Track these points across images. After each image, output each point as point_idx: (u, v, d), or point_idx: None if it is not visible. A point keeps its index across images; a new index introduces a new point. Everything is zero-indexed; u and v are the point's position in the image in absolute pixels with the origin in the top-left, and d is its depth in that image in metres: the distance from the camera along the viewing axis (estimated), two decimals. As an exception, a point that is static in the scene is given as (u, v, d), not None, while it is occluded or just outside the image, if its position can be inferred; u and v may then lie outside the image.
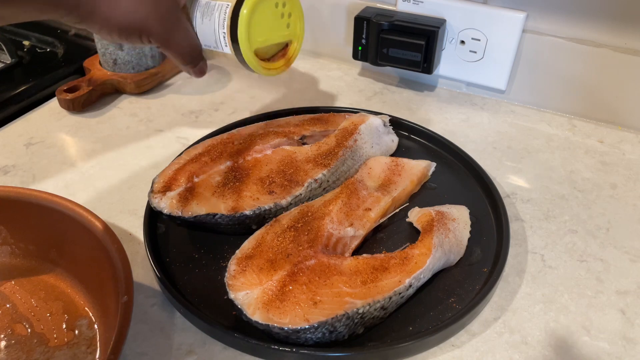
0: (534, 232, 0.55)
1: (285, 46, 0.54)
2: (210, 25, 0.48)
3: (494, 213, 0.55)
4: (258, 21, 0.48)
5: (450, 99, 0.76)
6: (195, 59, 0.49)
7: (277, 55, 0.54)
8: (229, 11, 0.47)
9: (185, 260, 0.50)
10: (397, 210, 0.55)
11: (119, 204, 0.57)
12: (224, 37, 0.48)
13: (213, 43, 0.49)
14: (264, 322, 0.40)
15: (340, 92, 0.78)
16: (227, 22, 0.47)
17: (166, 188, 0.52)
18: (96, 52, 0.78)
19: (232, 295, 0.43)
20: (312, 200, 0.53)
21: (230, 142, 0.58)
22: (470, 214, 0.53)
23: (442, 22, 0.70)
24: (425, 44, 0.69)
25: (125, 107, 0.73)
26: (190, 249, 0.51)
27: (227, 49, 0.49)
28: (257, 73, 0.51)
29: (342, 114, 0.64)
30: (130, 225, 0.55)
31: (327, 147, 0.57)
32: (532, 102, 0.74)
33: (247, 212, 0.50)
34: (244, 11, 0.47)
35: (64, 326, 0.44)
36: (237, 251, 0.47)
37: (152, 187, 0.52)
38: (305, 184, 0.53)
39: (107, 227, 0.44)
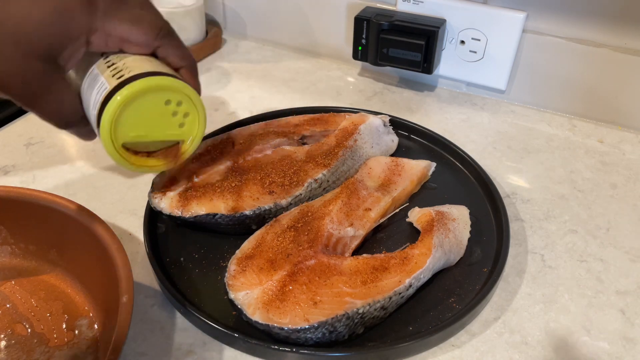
0: (534, 232, 0.55)
1: (176, 144, 0.47)
2: (90, 99, 0.42)
3: (494, 213, 0.55)
4: (134, 115, 0.41)
5: (450, 99, 0.76)
6: (70, 125, 0.43)
7: (161, 151, 0.46)
8: (104, 94, 0.40)
9: (185, 260, 0.50)
10: (397, 210, 0.55)
11: (119, 204, 0.57)
12: (94, 119, 0.42)
13: (90, 117, 0.43)
14: (264, 322, 0.40)
15: (340, 92, 0.78)
16: (98, 106, 0.41)
17: (166, 188, 0.52)
18: (96, 52, 0.77)
19: (232, 295, 0.43)
20: (312, 200, 0.53)
21: (230, 142, 0.58)
22: (470, 214, 0.53)
23: (442, 22, 0.70)
24: (425, 44, 0.69)
25: (125, 107, 0.73)
26: (190, 249, 0.51)
27: (97, 131, 0.42)
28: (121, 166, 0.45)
29: (342, 114, 0.64)
30: (130, 225, 0.55)
31: (327, 147, 0.57)
32: (532, 102, 0.74)
33: (247, 212, 0.50)
34: (114, 100, 0.40)
35: (64, 326, 0.44)
36: (237, 251, 0.47)
37: (152, 187, 0.52)
38: (305, 184, 0.53)
39: (107, 227, 0.44)
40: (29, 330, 0.44)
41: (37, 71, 0.38)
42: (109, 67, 0.42)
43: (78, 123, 0.43)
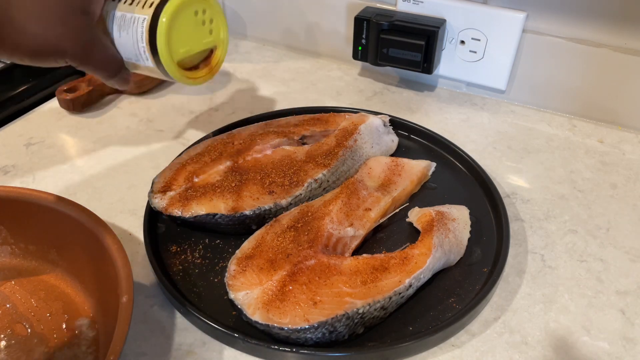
0: (534, 232, 0.55)
1: (210, 53, 0.53)
2: (129, 38, 0.46)
3: (494, 213, 0.55)
4: (178, 32, 0.46)
5: (450, 99, 0.76)
6: (116, 72, 0.47)
7: (202, 63, 0.52)
8: (146, 24, 0.45)
9: (185, 261, 0.50)
10: (397, 210, 0.55)
11: (119, 204, 0.57)
12: (144, 51, 0.46)
13: (134, 56, 0.47)
14: (264, 322, 0.40)
15: (340, 92, 0.78)
16: (145, 36, 0.45)
17: (166, 188, 0.52)
18: (96, 52, 0.78)
19: (232, 295, 0.43)
20: (312, 200, 0.53)
21: (230, 142, 0.58)
22: (470, 214, 0.53)
23: (442, 22, 0.70)
24: (425, 44, 0.69)
25: (125, 107, 0.73)
26: (190, 249, 0.51)
27: (149, 62, 0.47)
28: (181, 83, 0.50)
29: (342, 114, 0.64)
30: (130, 225, 0.55)
31: (327, 147, 0.57)
32: (532, 102, 0.74)
33: (247, 212, 0.50)
34: (162, 22, 0.45)
35: (64, 326, 0.44)
36: (237, 251, 0.47)
37: (152, 187, 0.52)
38: (305, 184, 0.53)
39: (107, 227, 0.44)
40: (29, 330, 0.44)
41: (82, 26, 0.42)
42: (130, 4, 0.46)
43: (119, 69, 0.47)
